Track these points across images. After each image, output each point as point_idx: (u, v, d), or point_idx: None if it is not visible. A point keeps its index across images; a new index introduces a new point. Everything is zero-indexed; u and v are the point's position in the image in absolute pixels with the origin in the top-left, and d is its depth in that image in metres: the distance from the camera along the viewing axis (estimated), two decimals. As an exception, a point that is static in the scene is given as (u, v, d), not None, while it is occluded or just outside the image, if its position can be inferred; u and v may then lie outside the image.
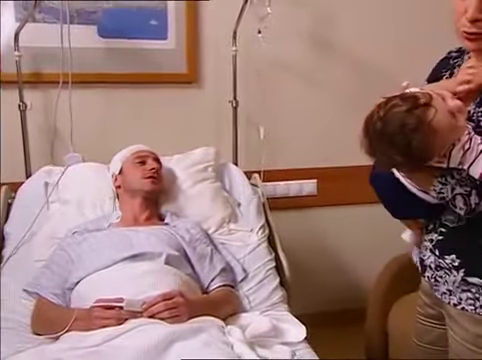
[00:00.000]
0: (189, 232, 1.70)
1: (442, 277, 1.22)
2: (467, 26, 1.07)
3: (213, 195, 1.89)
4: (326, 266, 2.52)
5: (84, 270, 1.52)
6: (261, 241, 1.81)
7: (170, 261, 1.54)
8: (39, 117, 2.07)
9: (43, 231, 1.75)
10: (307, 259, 2.45)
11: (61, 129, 2.04)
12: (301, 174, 2.38)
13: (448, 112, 0.99)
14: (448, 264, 1.19)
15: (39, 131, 2.08)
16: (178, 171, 1.92)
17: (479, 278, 1.14)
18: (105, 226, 1.70)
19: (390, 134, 0.99)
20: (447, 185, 1.08)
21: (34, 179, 1.91)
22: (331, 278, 2.52)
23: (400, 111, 0.99)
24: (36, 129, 2.06)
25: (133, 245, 1.57)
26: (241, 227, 1.86)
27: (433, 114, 0.97)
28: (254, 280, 1.69)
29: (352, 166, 2.16)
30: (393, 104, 1.00)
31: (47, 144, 2.07)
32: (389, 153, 1.01)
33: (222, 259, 1.69)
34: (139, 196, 1.73)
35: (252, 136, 2.25)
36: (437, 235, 1.22)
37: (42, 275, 1.57)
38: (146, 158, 1.78)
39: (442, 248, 1.21)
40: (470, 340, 1.18)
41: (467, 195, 1.07)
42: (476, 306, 1.16)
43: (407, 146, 0.99)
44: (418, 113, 0.97)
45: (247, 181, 2.04)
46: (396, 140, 0.99)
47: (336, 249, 2.52)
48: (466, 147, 1.02)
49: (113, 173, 1.81)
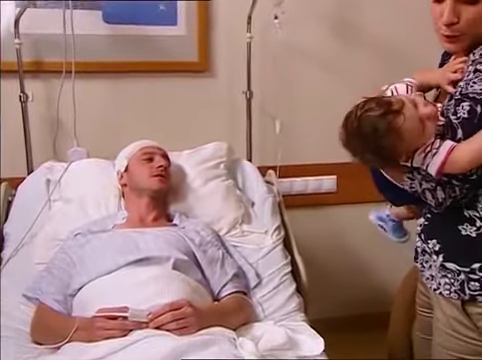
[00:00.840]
0: (199, 234, 1.68)
1: (427, 262, 1.34)
2: (443, 29, 1.20)
3: (225, 194, 1.87)
4: (345, 267, 2.49)
5: (86, 275, 1.50)
6: (276, 244, 1.79)
7: (178, 266, 1.52)
8: (41, 109, 2.06)
9: (44, 232, 1.74)
10: (325, 260, 2.43)
11: (64, 122, 2.03)
12: (320, 170, 2.35)
13: (418, 119, 1.15)
14: (430, 248, 1.31)
15: (41, 124, 2.07)
16: (188, 168, 1.90)
17: (455, 264, 1.25)
18: (109, 227, 1.68)
19: (363, 134, 1.16)
20: (415, 180, 1.23)
21: (35, 176, 1.90)
22: (350, 280, 2.49)
23: (373, 115, 1.15)
24: (38, 122, 2.05)
25: (139, 248, 1.56)
26: (255, 228, 1.83)
27: (402, 121, 1.13)
28: (268, 286, 1.67)
29: (374, 162, 2.14)
30: (369, 107, 1.16)
31: (49, 138, 2.07)
32: (361, 151, 1.18)
33: (234, 263, 1.67)
34: (146, 195, 1.71)
35: (267, 129, 2.23)
36: (424, 220, 1.35)
37: (42, 279, 1.55)
38: (154, 155, 1.76)
39: (427, 233, 1.33)
40: (446, 324, 1.29)
41: (433, 190, 1.21)
42: (451, 291, 1.27)
43: (377, 147, 1.16)
44: (389, 119, 1.13)
45: (261, 178, 2.01)
46: (368, 141, 1.16)
47: (356, 249, 2.49)
48: (427, 150, 1.17)
49: (118, 170, 1.80)
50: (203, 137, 2.04)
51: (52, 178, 1.87)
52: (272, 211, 1.89)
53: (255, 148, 2.18)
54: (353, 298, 2.46)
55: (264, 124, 2.23)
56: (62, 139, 2.05)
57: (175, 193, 1.83)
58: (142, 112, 2.13)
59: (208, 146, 1.98)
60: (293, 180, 2.34)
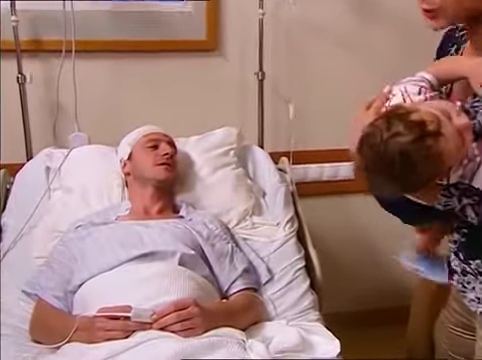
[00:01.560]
0: (207, 227, 1.66)
1: (469, 283, 1.22)
2: (421, 3, 1.11)
3: (235, 183, 1.85)
4: (361, 259, 2.46)
5: (87, 271, 1.49)
6: (289, 236, 1.76)
7: (185, 261, 1.51)
8: (40, 91, 2.03)
9: (44, 223, 1.74)
10: (340, 251, 2.41)
11: (64, 105, 2.02)
12: (336, 155, 2.27)
13: (456, 133, 0.98)
14: (474, 269, 1.19)
15: (40, 107, 2.05)
16: (195, 155, 1.89)
17: None
18: (112, 219, 1.67)
19: (390, 163, 0.98)
20: (452, 197, 1.08)
21: (34, 163, 1.89)
22: (367, 273, 2.46)
23: (406, 141, 0.96)
24: (37, 105, 2.03)
25: (143, 242, 1.54)
26: (266, 220, 1.82)
27: (443, 144, 0.96)
28: (280, 282, 1.65)
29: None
30: (397, 131, 0.97)
31: (49, 122, 2.05)
32: (383, 180, 1.01)
33: (244, 258, 1.65)
34: (151, 185, 1.70)
35: (280, 113, 2.19)
36: (460, 236, 1.21)
37: (42, 274, 1.54)
38: (159, 141, 1.74)
39: (467, 252, 1.20)
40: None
41: (476, 204, 1.07)
42: None
43: (407, 177, 0.99)
44: (427, 144, 0.96)
45: (274, 166, 1.99)
46: (396, 169, 0.98)
47: (374, 241, 2.46)
48: (464, 162, 1.03)
49: (121, 158, 1.79)
50: (211, 122, 2.02)
51: (52, 166, 1.86)
52: (285, 201, 1.86)
53: (267, 133, 2.16)
54: (370, 292, 2.43)
55: (277, 107, 2.20)
56: (62, 123, 2.04)
57: (182, 182, 1.81)
58: (147, 95, 2.11)
59: (217, 132, 1.96)
60: (307, 167, 2.31)
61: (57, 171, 1.83)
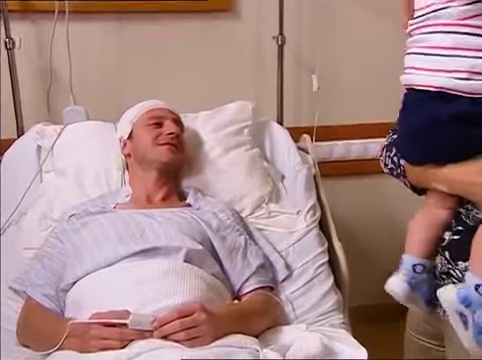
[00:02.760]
0: (217, 216, 1.62)
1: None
2: None
3: (249, 166, 1.82)
4: (392, 248, 2.32)
5: (82, 267, 1.44)
6: (311, 227, 1.73)
7: (191, 258, 1.45)
8: (31, 58, 2.02)
9: (34, 210, 1.71)
10: (369, 239, 2.40)
11: (58, 74, 2.03)
12: (366, 130, 2.29)
13: None
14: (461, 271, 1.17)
15: (32, 76, 2.04)
16: (205, 134, 1.85)
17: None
18: (111, 207, 1.63)
19: None
20: None
21: (23, 142, 1.86)
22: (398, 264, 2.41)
23: None
24: (28, 73, 2.02)
25: (144, 235, 1.50)
26: (285, 208, 1.78)
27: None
28: (300, 280, 1.62)
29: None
30: None
31: (43, 93, 2.05)
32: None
33: (259, 252, 1.61)
34: (154, 169, 1.66)
35: (303, 84, 2.18)
36: (451, 234, 1.21)
37: (32, 269, 1.51)
38: (163, 119, 1.70)
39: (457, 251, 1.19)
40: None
41: None
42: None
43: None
44: None
45: (294, 146, 1.95)
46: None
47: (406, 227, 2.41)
48: None
49: (121, 137, 1.74)
50: (223, 94, 2.00)
51: (43, 144, 1.83)
52: (306, 186, 1.83)
53: (287, 107, 2.12)
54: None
55: (299, 78, 2.19)
56: (57, 95, 2.04)
57: (189, 165, 1.78)
58: (151, 63, 2.10)
59: (229, 106, 1.92)
60: (333, 144, 2.30)
61: (49, 151, 1.80)
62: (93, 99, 2.03)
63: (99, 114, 1.95)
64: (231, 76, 2.15)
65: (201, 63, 2.13)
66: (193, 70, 2.13)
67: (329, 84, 2.17)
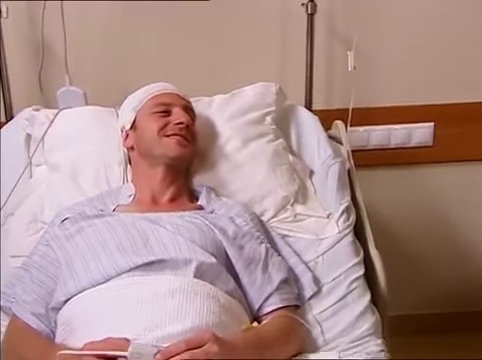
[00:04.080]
0: (234, 222, 1.58)
1: None
2: None
3: (272, 160, 1.78)
4: (439, 251, 2.45)
5: (75, 283, 1.40)
6: (344, 233, 1.68)
7: (203, 272, 1.40)
8: (20, 29, 2.04)
9: (23, 210, 1.71)
10: (411, 239, 2.40)
11: (52, 48, 2.03)
12: (410, 114, 2.28)
13: None
14: None
15: (21, 50, 2.06)
16: (220, 122, 1.82)
17: None
18: (110, 209, 1.60)
19: None
20: None
21: (10, 129, 1.87)
22: (444, 269, 2.47)
23: None
24: (17, 47, 2.04)
25: (149, 245, 1.45)
26: (313, 210, 1.74)
27: None
28: (331, 297, 1.56)
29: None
30: None
31: (34, 70, 2.06)
32: None
33: (282, 264, 1.56)
34: (160, 164, 1.63)
35: (336, 60, 2.16)
36: None
37: (18, 282, 1.49)
38: (172, 106, 1.66)
39: None
40: None
41: None
42: None
43: None
44: None
45: (325, 135, 1.90)
46: None
47: (455, 228, 2.44)
48: None
49: (123, 127, 1.71)
50: (242, 74, 2.00)
51: (33, 133, 1.82)
52: (339, 184, 1.78)
53: (317, 89, 2.09)
54: (446, 292, 2.45)
55: (332, 52, 2.17)
56: (50, 73, 2.05)
57: (201, 160, 1.75)
58: (158, 37, 2.09)
59: (249, 89, 1.89)
60: (371, 128, 2.28)
61: (40, 141, 1.78)
62: (92, 79, 2.05)
63: (98, 97, 1.94)
64: (251, 52, 2.13)
65: (215, 36, 2.12)
66: (206, 45, 2.12)
67: (367, 60, 2.13)
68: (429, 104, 2.27)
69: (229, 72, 2.09)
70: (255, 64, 2.11)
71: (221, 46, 2.14)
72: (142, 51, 2.10)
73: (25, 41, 2.05)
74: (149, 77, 1.78)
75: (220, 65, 2.12)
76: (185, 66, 2.05)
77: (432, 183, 2.38)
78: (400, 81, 2.25)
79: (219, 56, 2.13)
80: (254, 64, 2.11)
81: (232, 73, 2.07)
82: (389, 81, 2.25)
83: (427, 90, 2.27)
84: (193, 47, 2.11)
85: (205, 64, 2.11)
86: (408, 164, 2.35)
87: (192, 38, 2.11)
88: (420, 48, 2.23)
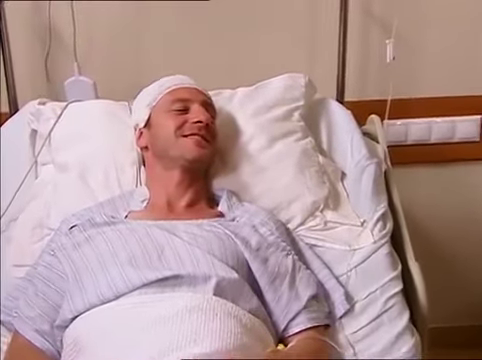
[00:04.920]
0: (257, 231, 1.56)
1: None
2: None
3: (301, 162, 1.77)
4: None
5: (83, 299, 1.39)
6: (380, 243, 1.65)
7: (223, 289, 1.39)
8: (25, 13, 2.04)
9: (27, 215, 1.71)
10: (453, 244, 2.40)
11: (60, 34, 2.04)
12: (453, 106, 2.25)
13: None
14: None
15: (27, 36, 2.06)
16: (242, 119, 1.80)
17: None
18: (122, 216, 1.58)
19: None
20: None
21: (13, 124, 1.87)
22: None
23: None
24: (21, 33, 2.04)
25: (164, 257, 1.44)
26: (346, 217, 1.72)
27: None
28: (365, 316, 1.54)
29: None
30: None
31: (40, 58, 2.06)
32: None
33: (311, 278, 1.54)
34: (177, 167, 1.62)
35: (372, 49, 2.14)
36: None
37: (21, 295, 1.49)
38: (190, 102, 1.64)
39: None
40: None
41: None
42: None
43: None
44: None
45: (359, 132, 1.87)
46: None
47: None
48: None
49: (136, 124, 1.70)
50: (266, 64, 2.02)
51: (39, 129, 1.82)
52: (374, 188, 1.76)
53: (350, 80, 2.08)
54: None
55: (367, 40, 2.15)
56: (57, 62, 2.06)
57: (222, 161, 1.74)
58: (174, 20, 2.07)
59: (275, 81, 1.87)
60: (409, 122, 2.27)
61: (47, 138, 1.78)
62: (102, 69, 2.05)
63: (110, 89, 1.96)
64: (276, 39, 2.10)
65: (238, 22, 2.10)
66: (228, 32, 2.11)
67: (406, 45, 2.11)
68: (475, 95, 2.24)
69: (252, 61, 2.08)
70: (281, 52, 2.10)
71: (243, 32, 2.12)
72: (157, 37, 2.09)
73: (30, 26, 2.06)
74: (164, 66, 1.78)
75: (242, 54, 2.11)
76: (204, 55, 2.05)
77: (477, 182, 2.37)
78: (442, 69, 2.24)
79: (241, 44, 2.12)
80: (280, 52, 2.09)
81: (255, 62, 2.06)
82: (430, 69, 2.24)
83: (473, 79, 2.25)
84: (213, 34, 2.10)
85: (226, 53, 2.10)
86: (451, 161, 2.34)
87: (212, 23, 2.10)
88: (466, 34, 2.21)
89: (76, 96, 1.89)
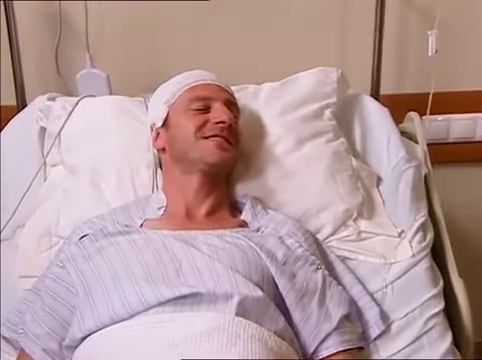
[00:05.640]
0: (284, 243, 1.53)
1: None
2: None
3: (332, 165, 1.75)
4: None
5: (94, 317, 1.36)
6: (420, 256, 1.63)
7: (247, 309, 1.36)
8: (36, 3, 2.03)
9: (35, 221, 1.70)
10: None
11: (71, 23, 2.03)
12: None
13: None
14: None
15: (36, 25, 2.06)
16: (268, 118, 1.77)
17: None
18: (137, 224, 1.56)
19: None
20: None
21: (21, 120, 1.87)
22: None
23: None
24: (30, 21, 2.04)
25: (182, 272, 1.41)
26: (381, 227, 1.70)
27: None
28: (403, 337, 1.52)
29: None
30: None
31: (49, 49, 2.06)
32: None
33: (343, 295, 1.51)
34: (197, 171, 1.60)
35: (412, 41, 2.12)
36: None
37: (28, 310, 1.48)
38: (211, 100, 1.62)
39: None
40: None
41: None
42: None
43: None
44: None
45: (397, 131, 1.84)
46: None
47: None
48: None
49: (153, 124, 1.68)
50: (294, 57, 2.02)
51: (48, 126, 1.81)
52: (413, 195, 1.73)
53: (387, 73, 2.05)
54: None
55: (406, 30, 2.12)
56: (68, 52, 2.06)
57: (246, 164, 1.72)
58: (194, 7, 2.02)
59: (304, 75, 1.85)
60: (451, 117, 2.24)
61: (56, 137, 1.77)
62: (117, 60, 2.05)
63: (124, 83, 1.97)
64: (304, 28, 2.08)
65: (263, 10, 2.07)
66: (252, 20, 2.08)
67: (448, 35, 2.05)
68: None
69: (278, 53, 2.06)
70: (309, 43, 2.08)
71: (269, 20, 2.09)
72: (175, 26, 2.07)
73: (39, 14, 2.04)
74: (184, 57, 1.83)
75: (268, 45, 2.08)
76: (227, 44, 2.04)
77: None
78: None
79: (266, 34, 2.09)
80: (308, 43, 2.08)
81: (282, 54, 2.05)
82: (474, 60, 2.21)
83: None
84: (236, 21, 2.07)
85: (250, 43, 2.08)
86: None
87: (235, 10, 2.06)
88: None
89: (88, 90, 1.89)
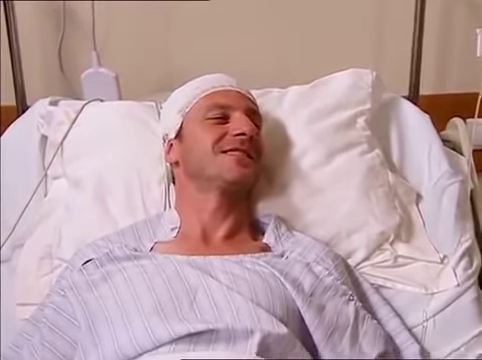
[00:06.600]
0: (312, 271, 1.49)
1: None
2: None
3: (366, 181, 1.71)
4: None
5: (98, 355, 1.33)
6: (466, 286, 1.58)
7: (269, 348, 1.31)
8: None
9: (34, 241, 1.69)
10: None
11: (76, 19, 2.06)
12: None
13: None
14: None
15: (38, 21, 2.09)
16: (294, 126, 1.74)
17: None
18: (146, 248, 1.53)
19: None
20: None
21: (20, 127, 1.87)
22: None
23: None
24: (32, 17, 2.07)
25: (196, 304, 1.37)
26: (421, 252, 1.66)
27: None
28: None
29: None
30: None
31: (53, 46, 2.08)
32: None
33: (378, 331, 1.46)
34: (214, 189, 1.56)
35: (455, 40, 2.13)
36: None
37: (26, 343, 1.45)
38: (231, 109, 1.58)
39: None
40: None
41: None
42: None
43: None
44: None
45: (439, 141, 1.80)
46: None
47: None
48: None
49: (165, 134, 1.65)
50: (324, 59, 2.01)
51: (50, 135, 1.80)
52: (458, 214, 1.69)
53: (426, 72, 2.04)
54: None
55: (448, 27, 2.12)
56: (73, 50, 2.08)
57: (268, 180, 1.69)
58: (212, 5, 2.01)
59: (334, 78, 1.82)
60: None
61: (59, 147, 1.75)
62: (126, 59, 2.06)
63: (134, 83, 1.99)
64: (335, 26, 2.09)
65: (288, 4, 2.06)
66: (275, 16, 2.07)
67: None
68: None
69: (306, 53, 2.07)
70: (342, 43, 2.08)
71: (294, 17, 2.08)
72: (189, 22, 2.07)
73: (42, 8, 2.06)
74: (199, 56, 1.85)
75: (294, 43, 2.08)
76: (247, 42, 2.03)
77: None
78: None
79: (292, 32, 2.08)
80: (339, 42, 2.07)
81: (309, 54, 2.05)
82: None
83: None
84: (257, 16, 2.07)
85: (274, 41, 2.07)
86: None
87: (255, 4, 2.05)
88: None
89: (94, 91, 1.90)
